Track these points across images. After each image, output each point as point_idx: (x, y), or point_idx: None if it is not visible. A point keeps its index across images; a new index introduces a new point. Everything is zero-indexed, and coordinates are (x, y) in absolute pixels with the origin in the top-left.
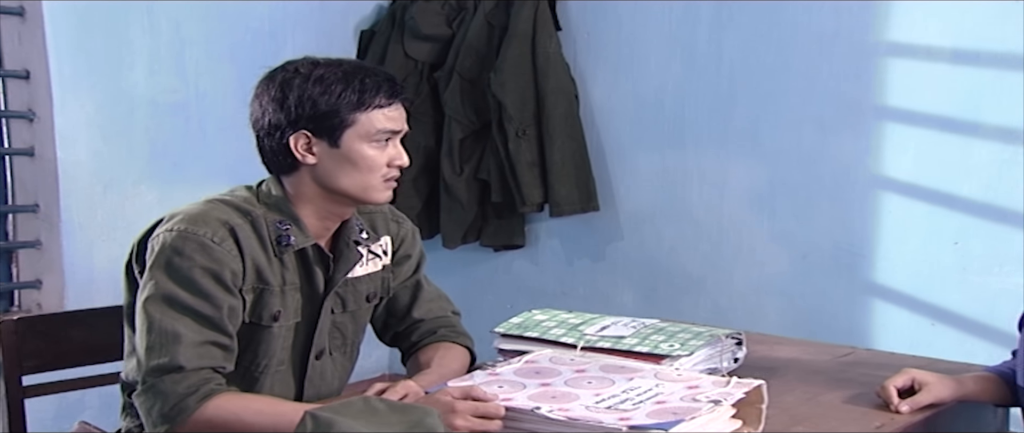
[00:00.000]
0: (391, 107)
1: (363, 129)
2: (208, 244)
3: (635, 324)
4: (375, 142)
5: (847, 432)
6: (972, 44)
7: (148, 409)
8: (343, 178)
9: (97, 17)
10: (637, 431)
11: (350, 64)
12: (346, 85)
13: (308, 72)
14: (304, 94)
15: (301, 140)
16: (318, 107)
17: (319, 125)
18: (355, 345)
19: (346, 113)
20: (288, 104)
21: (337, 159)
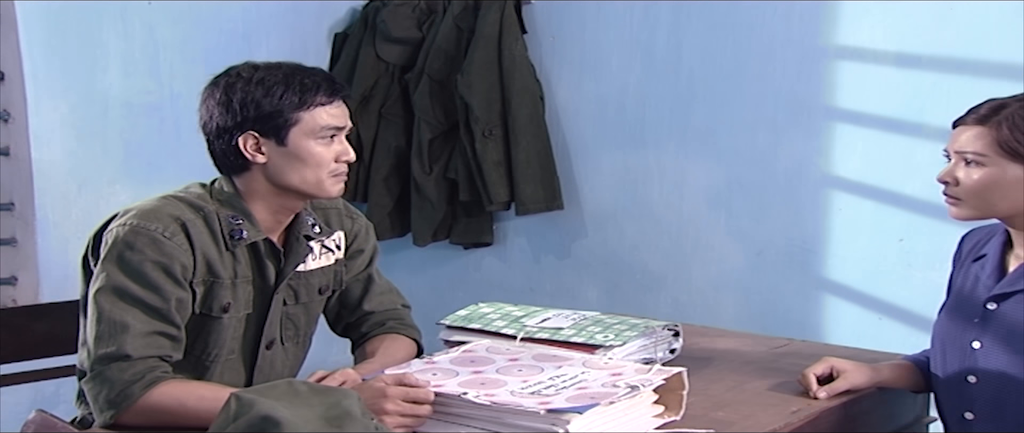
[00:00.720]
0: (332, 104)
1: (308, 127)
2: (159, 238)
3: (575, 316)
4: (321, 139)
5: (764, 416)
6: (914, 48)
7: (95, 395)
8: (293, 175)
9: (71, 20)
10: (553, 413)
11: (289, 66)
12: (287, 86)
13: (249, 76)
14: (248, 97)
15: (250, 141)
16: (262, 108)
17: (265, 125)
18: (308, 335)
19: (289, 112)
20: (234, 107)
21: (286, 157)
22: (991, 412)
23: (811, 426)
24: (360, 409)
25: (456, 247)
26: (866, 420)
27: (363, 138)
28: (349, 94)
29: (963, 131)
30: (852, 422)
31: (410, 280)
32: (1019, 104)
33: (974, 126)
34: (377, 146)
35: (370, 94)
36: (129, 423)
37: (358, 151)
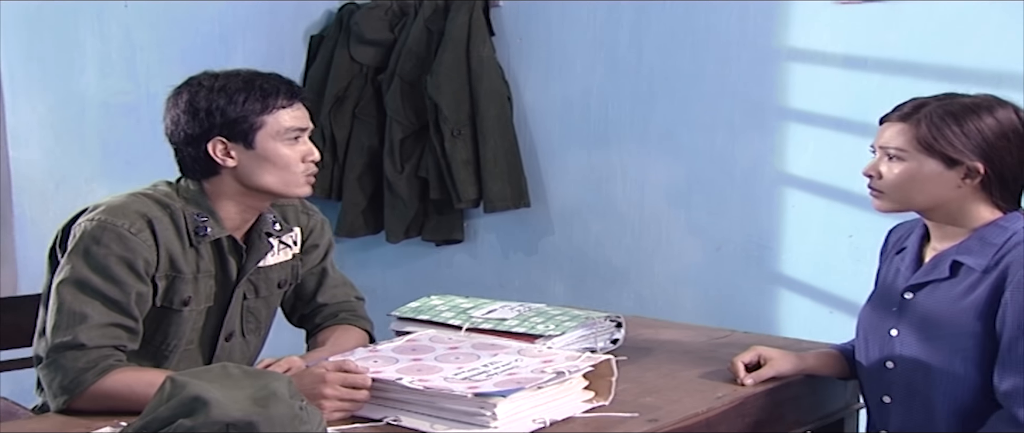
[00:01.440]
0: (293, 107)
1: (272, 129)
2: (125, 234)
3: (521, 308)
4: (286, 140)
5: (690, 401)
6: (860, 50)
7: (49, 382)
8: (265, 176)
9: (47, 21)
10: (481, 397)
11: (247, 73)
12: (249, 92)
13: (211, 84)
14: (213, 104)
15: (218, 146)
16: (227, 114)
17: (232, 131)
18: (267, 327)
19: (254, 117)
20: (200, 115)
21: (256, 159)
22: (905, 396)
23: (736, 411)
24: (289, 391)
25: (428, 244)
26: (795, 405)
27: (337, 138)
28: (307, 96)
29: (887, 128)
30: (779, 407)
31: (384, 276)
32: (938, 103)
33: (897, 123)
34: (351, 146)
35: (344, 95)
36: (81, 408)
37: (333, 150)
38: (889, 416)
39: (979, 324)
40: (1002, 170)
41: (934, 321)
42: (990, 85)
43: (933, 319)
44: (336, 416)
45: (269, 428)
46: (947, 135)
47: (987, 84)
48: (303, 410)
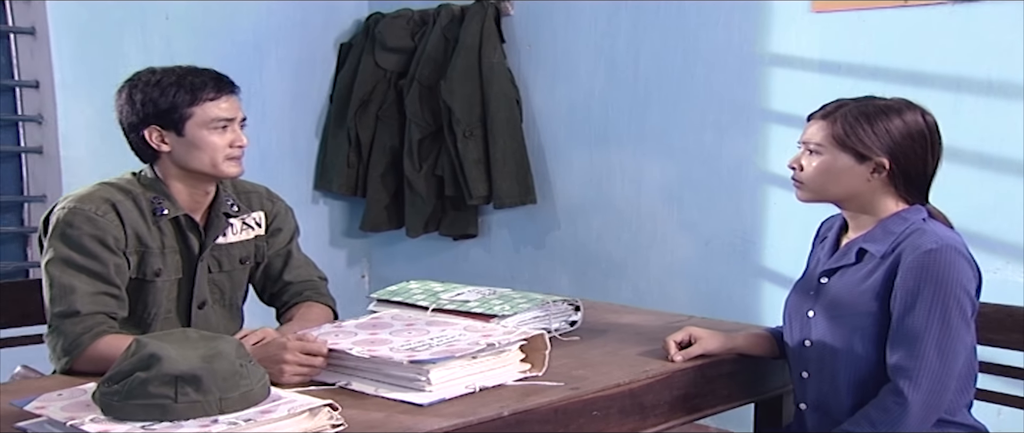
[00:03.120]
0: (221, 99)
1: (200, 119)
2: (93, 216)
3: (485, 291)
4: (214, 129)
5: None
6: (834, 56)
7: (53, 346)
8: (194, 160)
9: (96, 34)
10: (416, 364)
11: (183, 69)
12: (179, 86)
13: (148, 79)
14: (147, 96)
15: (154, 133)
16: (159, 106)
17: (164, 120)
18: (234, 301)
19: (183, 108)
20: (136, 107)
21: (186, 145)
22: (818, 371)
23: (663, 383)
24: (236, 353)
25: (446, 238)
26: (728, 381)
27: (362, 139)
28: (236, 90)
29: (811, 125)
30: (711, 383)
31: (408, 269)
32: (855, 104)
33: (818, 121)
34: (375, 146)
35: (369, 98)
36: (81, 370)
37: (357, 150)
38: (806, 390)
39: (876, 304)
40: (907, 166)
41: (840, 303)
42: (950, 88)
43: (840, 301)
44: (295, 380)
45: (212, 381)
46: (859, 133)
47: (948, 87)
48: (244, 367)
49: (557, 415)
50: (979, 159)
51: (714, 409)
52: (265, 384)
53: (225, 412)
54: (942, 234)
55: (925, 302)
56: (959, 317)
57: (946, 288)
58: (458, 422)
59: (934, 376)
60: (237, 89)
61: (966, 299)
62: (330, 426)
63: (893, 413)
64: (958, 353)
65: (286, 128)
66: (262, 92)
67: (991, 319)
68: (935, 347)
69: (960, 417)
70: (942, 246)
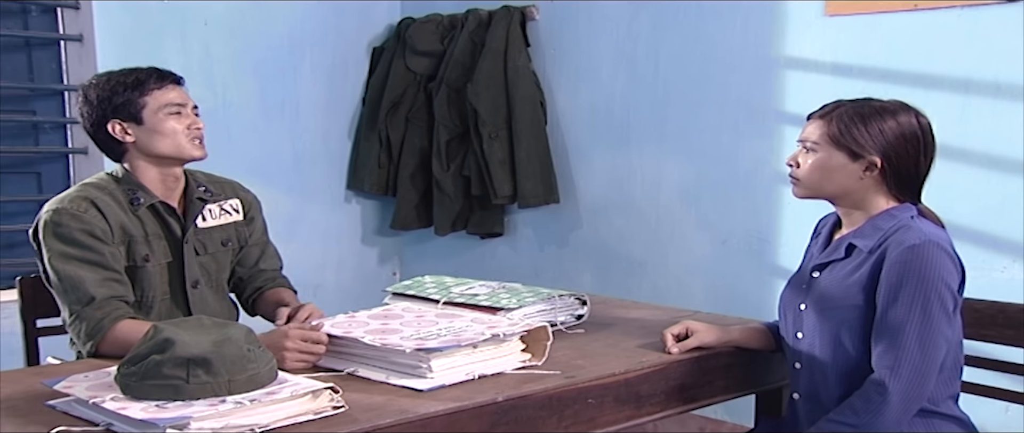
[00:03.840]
0: (165, 87)
1: (153, 106)
2: (76, 213)
3: (495, 286)
4: (169, 114)
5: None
6: (846, 59)
7: (77, 333)
8: (158, 144)
9: (139, 41)
10: (419, 352)
11: (131, 69)
12: (125, 82)
13: (98, 81)
14: (102, 94)
15: (116, 127)
16: (114, 101)
17: (122, 112)
18: (221, 282)
19: (135, 98)
20: (94, 104)
21: (148, 132)
22: (809, 363)
23: (659, 374)
24: (245, 339)
25: (473, 237)
26: (725, 373)
27: (392, 140)
28: (179, 79)
29: (809, 124)
30: (708, 374)
31: (436, 266)
32: (851, 104)
33: (816, 120)
34: (404, 147)
35: (399, 101)
36: (105, 352)
37: (388, 151)
38: (799, 381)
39: (862, 298)
40: (899, 166)
41: (829, 296)
42: (959, 91)
43: (828, 295)
44: (297, 366)
45: (221, 364)
46: (853, 132)
47: (956, 90)
48: (251, 352)
49: (552, 402)
50: (987, 160)
51: (711, 400)
52: (272, 368)
53: (233, 393)
54: (927, 231)
55: (907, 296)
56: (940, 311)
57: (928, 283)
58: (453, 406)
59: (915, 367)
60: (181, 80)
61: (947, 293)
62: (331, 407)
63: (875, 403)
64: (939, 345)
65: (319, 130)
66: (296, 95)
67: (984, 315)
68: (916, 339)
69: (944, 408)
70: (925, 242)
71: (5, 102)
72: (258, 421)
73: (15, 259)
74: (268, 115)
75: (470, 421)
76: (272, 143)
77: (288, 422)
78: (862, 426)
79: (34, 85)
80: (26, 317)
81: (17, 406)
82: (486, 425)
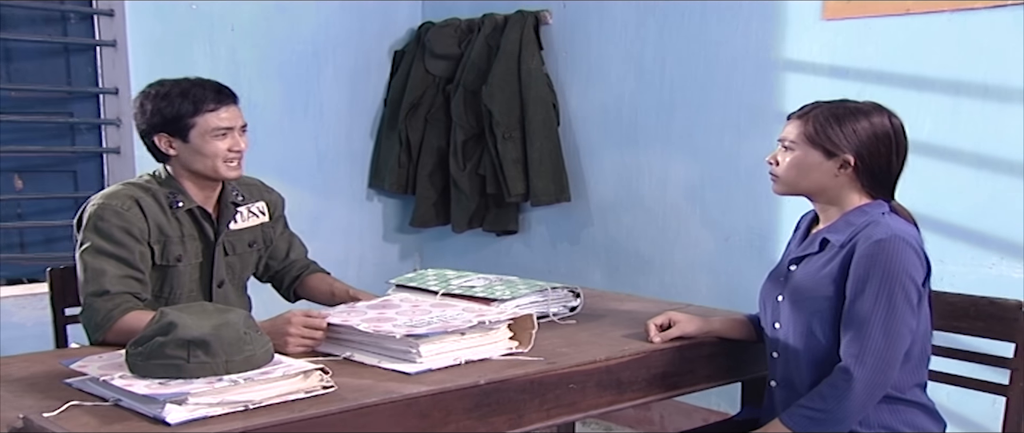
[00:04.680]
0: (221, 109)
1: (202, 128)
2: (119, 211)
3: (492, 278)
4: (214, 136)
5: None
6: (842, 61)
7: (87, 322)
8: (196, 163)
9: (168, 46)
10: (409, 338)
11: (189, 82)
12: (183, 98)
13: (156, 91)
14: (155, 107)
15: (163, 140)
16: (165, 115)
17: (171, 128)
18: (243, 280)
19: (187, 118)
20: (147, 116)
21: (189, 151)
22: (785, 353)
23: (640, 362)
24: (243, 323)
25: (489, 234)
26: (708, 362)
27: (412, 140)
28: (236, 99)
29: (788, 124)
30: (690, 363)
31: (454, 262)
32: (827, 105)
33: (795, 120)
34: (423, 147)
35: (419, 102)
36: (111, 341)
37: (408, 151)
38: (776, 369)
39: (832, 289)
40: (871, 164)
41: (803, 288)
42: (950, 92)
43: (802, 287)
44: (298, 349)
45: (219, 346)
46: (828, 132)
47: (947, 91)
48: (248, 335)
49: (533, 386)
50: (976, 159)
51: (693, 388)
52: (268, 351)
53: (230, 372)
54: (895, 226)
55: (873, 288)
56: (904, 303)
57: (893, 275)
58: (437, 388)
59: (879, 356)
60: (237, 99)
61: (912, 286)
62: (321, 387)
63: (841, 389)
64: (903, 335)
65: (342, 130)
66: (320, 97)
67: (957, 308)
68: (881, 329)
69: (911, 395)
70: (891, 237)
71: (45, 104)
72: (251, 398)
73: (52, 253)
74: (292, 116)
75: (453, 402)
76: (296, 143)
77: (279, 399)
78: (829, 411)
79: (71, 88)
80: (55, 306)
81: (38, 383)
82: (469, 406)
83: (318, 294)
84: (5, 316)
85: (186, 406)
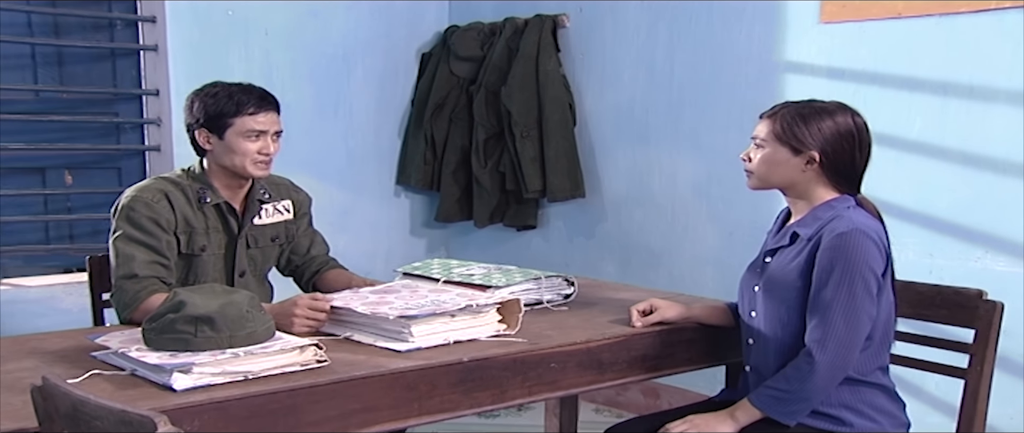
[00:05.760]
0: (260, 114)
1: (238, 129)
2: (149, 202)
3: (490, 267)
4: (247, 137)
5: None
6: (838, 63)
7: (116, 302)
8: (226, 159)
9: (205, 50)
10: (401, 319)
11: (237, 85)
12: (228, 99)
13: (208, 90)
14: (203, 104)
15: (202, 134)
16: (208, 113)
17: (211, 125)
18: (264, 271)
19: (227, 117)
20: (193, 112)
21: (222, 147)
22: (760, 340)
23: (622, 345)
24: (247, 303)
25: (510, 229)
26: (688, 347)
27: (436, 139)
28: (277, 107)
29: (760, 122)
30: (670, 347)
31: (478, 256)
32: (796, 105)
33: (765, 119)
34: (448, 145)
35: (443, 102)
36: (138, 320)
37: (432, 149)
38: (751, 355)
39: (800, 281)
40: (835, 160)
41: (775, 279)
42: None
43: (775, 278)
44: (304, 330)
45: (223, 322)
46: (795, 130)
47: (935, 91)
48: (250, 313)
49: (515, 364)
50: (962, 157)
51: (673, 370)
52: (269, 328)
53: (233, 346)
54: (857, 220)
55: (836, 278)
56: (864, 292)
57: (854, 267)
58: (423, 363)
59: (840, 341)
60: (278, 108)
61: (871, 277)
62: (315, 361)
63: (804, 371)
64: (862, 322)
65: (371, 130)
66: (350, 98)
67: (925, 296)
68: (842, 316)
69: (872, 377)
70: (852, 230)
71: (92, 105)
72: (251, 369)
73: (99, 244)
74: (323, 116)
75: (438, 377)
76: (327, 142)
77: (276, 371)
78: (793, 391)
79: (116, 90)
80: (94, 291)
81: (67, 355)
82: (454, 381)
83: (337, 287)
84: (56, 302)
85: (191, 375)
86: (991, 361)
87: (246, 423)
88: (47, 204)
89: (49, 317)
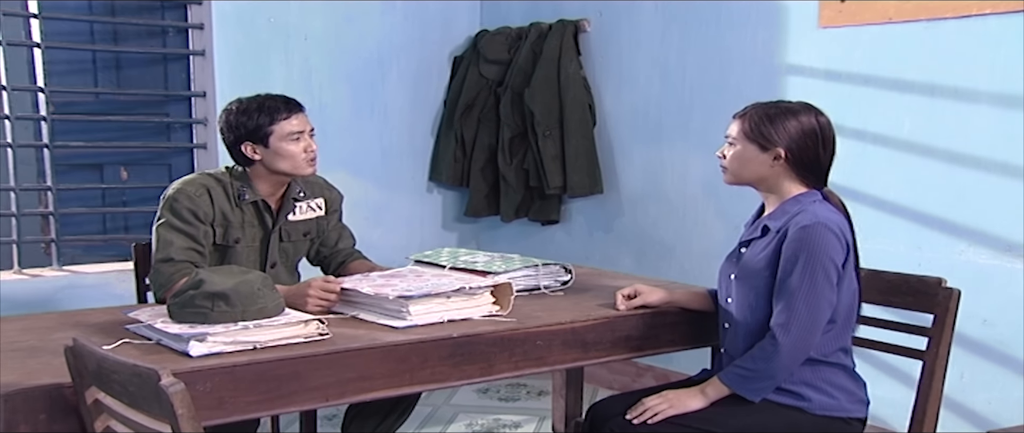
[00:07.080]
0: (292, 117)
1: (279, 134)
2: (192, 195)
3: (495, 256)
4: (290, 140)
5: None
6: (835, 65)
7: (153, 282)
8: (279, 163)
9: (248, 54)
10: (400, 299)
11: (261, 97)
12: (260, 111)
13: (237, 108)
14: (238, 121)
15: (248, 147)
16: (247, 128)
17: (253, 137)
18: (295, 263)
19: (265, 127)
20: (233, 128)
21: (272, 154)
22: (735, 324)
23: (606, 326)
24: (259, 282)
25: (535, 223)
26: (671, 329)
27: (466, 138)
28: (302, 108)
29: (733, 122)
30: (654, 329)
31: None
32: (764, 105)
33: (736, 119)
34: (476, 144)
35: (473, 103)
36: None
37: (462, 147)
38: (726, 339)
39: (768, 270)
40: (800, 156)
41: (748, 268)
42: (925, 93)
43: (747, 267)
44: (316, 309)
45: (237, 298)
46: (762, 128)
47: (923, 93)
48: (261, 291)
49: (503, 341)
50: (949, 156)
51: (656, 351)
52: (279, 305)
53: (245, 320)
54: (821, 214)
55: (799, 267)
56: (824, 280)
57: (815, 257)
58: (415, 337)
59: (802, 324)
60: (303, 108)
61: (831, 266)
62: (318, 334)
63: (768, 352)
64: (823, 308)
65: (405, 129)
66: (384, 99)
67: (892, 284)
68: (804, 302)
69: (833, 358)
70: (815, 224)
71: (146, 106)
72: (259, 339)
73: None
74: (359, 116)
75: (430, 350)
76: (363, 141)
77: (283, 342)
78: (758, 370)
79: (167, 92)
80: (138, 274)
81: (106, 328)
82: (444, 355)
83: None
84: (109, 288)
85: (206, 343)
86: (947, 343)
87: (253, 386)
88: (104, 198)
89: (102, 302)
